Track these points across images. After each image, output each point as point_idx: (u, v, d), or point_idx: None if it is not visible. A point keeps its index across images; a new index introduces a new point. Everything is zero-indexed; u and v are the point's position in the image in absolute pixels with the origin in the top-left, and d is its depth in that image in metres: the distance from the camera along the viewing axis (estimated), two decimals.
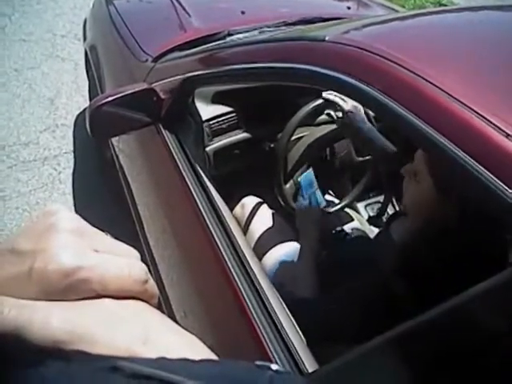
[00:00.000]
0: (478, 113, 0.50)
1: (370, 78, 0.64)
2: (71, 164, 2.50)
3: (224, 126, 1.28)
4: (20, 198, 2.31)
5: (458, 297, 0.42)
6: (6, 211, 2.24)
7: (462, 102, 0.52)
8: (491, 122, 0.48)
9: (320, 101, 1.21)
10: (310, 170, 1.15)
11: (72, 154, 2.56)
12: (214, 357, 0.29)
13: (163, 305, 1.25)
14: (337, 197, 1.46)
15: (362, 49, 0.69)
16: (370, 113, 1.24)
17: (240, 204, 1.42)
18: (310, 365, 0.68)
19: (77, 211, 2.24)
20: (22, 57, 3.28)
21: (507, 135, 0.45)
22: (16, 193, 2.34)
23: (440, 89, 0.55)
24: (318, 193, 1.14)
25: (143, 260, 0.32)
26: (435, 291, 0.67)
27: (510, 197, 0.43)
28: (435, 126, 0.54)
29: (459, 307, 0.43)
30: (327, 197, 1.37)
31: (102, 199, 2.26)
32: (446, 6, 4.52)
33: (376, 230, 1.30)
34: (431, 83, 0.57)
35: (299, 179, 1.14)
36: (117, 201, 1.95)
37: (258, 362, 0.29)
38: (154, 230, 1.39)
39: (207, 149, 1.26)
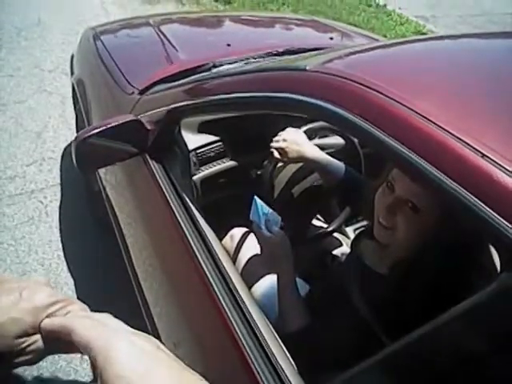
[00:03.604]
0: (455, 135, 0.52)
1: (349, 105, 0.65)
2: (58, 197, 2.49)
3: (210, 154, 1.29)
4: (5, 233, 2.27)
5: (431, 323, 0.42)
6: None
7: (439, 126, 0.54)
8: (468, 144, 0.49)
9: (304, 128, 1.23)
10: (254, 198, 1.01)
11: (59, 186, 2.55)
12: None
13: (146, 319, 1.22)
14: (325, 221, 1.47)
15: (340, 77, 0.71)
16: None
17: (228, 235, 1.41)
18: None
19: (63, 244, 2.21)
20: (10, 92, 3.30)
21: (483, 155, 0.47)
22: (1, 227, 2.30)
23: (418, 113, 0.57)
24: (271, 213, 0.98)
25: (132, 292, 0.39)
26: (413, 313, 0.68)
27: (488, 214, 0.44)
28: (414, 149, 0.55)
29: (433, 332, 0.43)
30: (315, 222, 1.37)
31: (90, 232, 2.23)
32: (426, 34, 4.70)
33: None
34: (410, 108, 0.59)
35: (251, 218, 1.01)
36: (105, 233, 1.93)
37: None
38: (142, 261, 1.38)
39: (194, 178, 1.27)
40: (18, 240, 2.24)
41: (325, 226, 1.32)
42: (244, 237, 1.40)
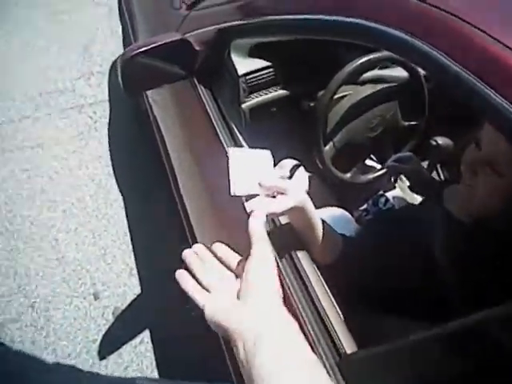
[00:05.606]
0: None
1: (431, 36, 0.55)
2: (107, 113, 2.50)
3: (261, 81, 1.21)
4: (59, 146, 2.34)
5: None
6: (44, 159, 2.29)
7: None
8: None
9: (367, 58, 1.11)
10: None
11: (107, 102, 2.55)
12: None
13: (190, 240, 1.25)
14: (378, 162, 1.38)
15: (422, 0, 0.59)
16: None
17: (278, 165, 1.37)
18: (348, 346, 0.65)
19: (112, 160, 2.26)
20: (55, 2, 3.23)
21: None
22: (54, 140, 2.37)
23: None
24: None
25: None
26: (489, 282, 0.62)
27: None
28: (505, 95, 0.46)
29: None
30: (368, 161, 1.29)
31: (138, 150, 2.25)
32: None
33: (418, 198, 1.23)
34: (506, 45, 0.48)
35: None
36: (152, 151, 1.93)
37: None
38: (188, 184, 1.37)
39: (243, 105, 1.21)
40: (70, 154, 2.31)
41: (378, 166, 1.24)
42: (293, 169, 1.35)
